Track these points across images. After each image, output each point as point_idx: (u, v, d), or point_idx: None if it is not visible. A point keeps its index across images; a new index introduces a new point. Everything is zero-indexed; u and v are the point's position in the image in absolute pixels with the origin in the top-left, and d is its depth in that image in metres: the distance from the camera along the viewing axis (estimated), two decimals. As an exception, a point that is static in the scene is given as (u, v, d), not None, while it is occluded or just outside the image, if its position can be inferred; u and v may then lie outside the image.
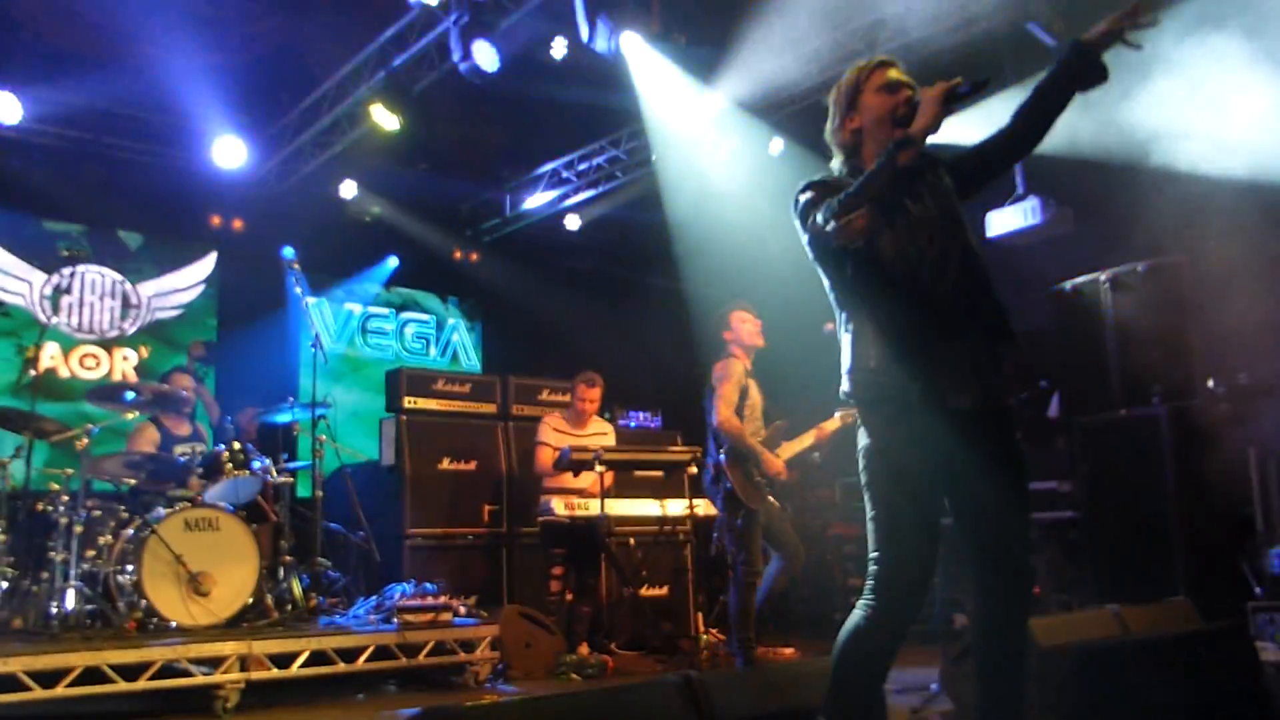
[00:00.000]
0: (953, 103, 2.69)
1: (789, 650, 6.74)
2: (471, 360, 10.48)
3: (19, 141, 7.73)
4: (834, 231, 2.70)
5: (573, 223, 10.10)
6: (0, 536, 5.66)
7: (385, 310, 10.07)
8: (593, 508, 6.35)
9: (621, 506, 6.59)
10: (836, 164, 3.03)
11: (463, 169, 9.58)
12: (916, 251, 2.82)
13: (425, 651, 5.63)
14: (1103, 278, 6.39)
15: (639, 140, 8.69)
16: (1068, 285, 6.59)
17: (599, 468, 6.29)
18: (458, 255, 10.26)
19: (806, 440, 6.05)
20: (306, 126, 8.20)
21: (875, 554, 2.77)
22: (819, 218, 2.74)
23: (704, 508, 6.52)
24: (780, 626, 8.24)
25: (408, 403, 7.46)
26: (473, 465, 7.48)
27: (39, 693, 4.60)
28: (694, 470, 6.57)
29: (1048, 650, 3.49)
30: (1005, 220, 7.19)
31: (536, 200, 9.60)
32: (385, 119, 7.55)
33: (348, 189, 9.10)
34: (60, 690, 4.65)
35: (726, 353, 6.01)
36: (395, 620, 5.70)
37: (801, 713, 2.83)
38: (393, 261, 9.90)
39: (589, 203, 9.52)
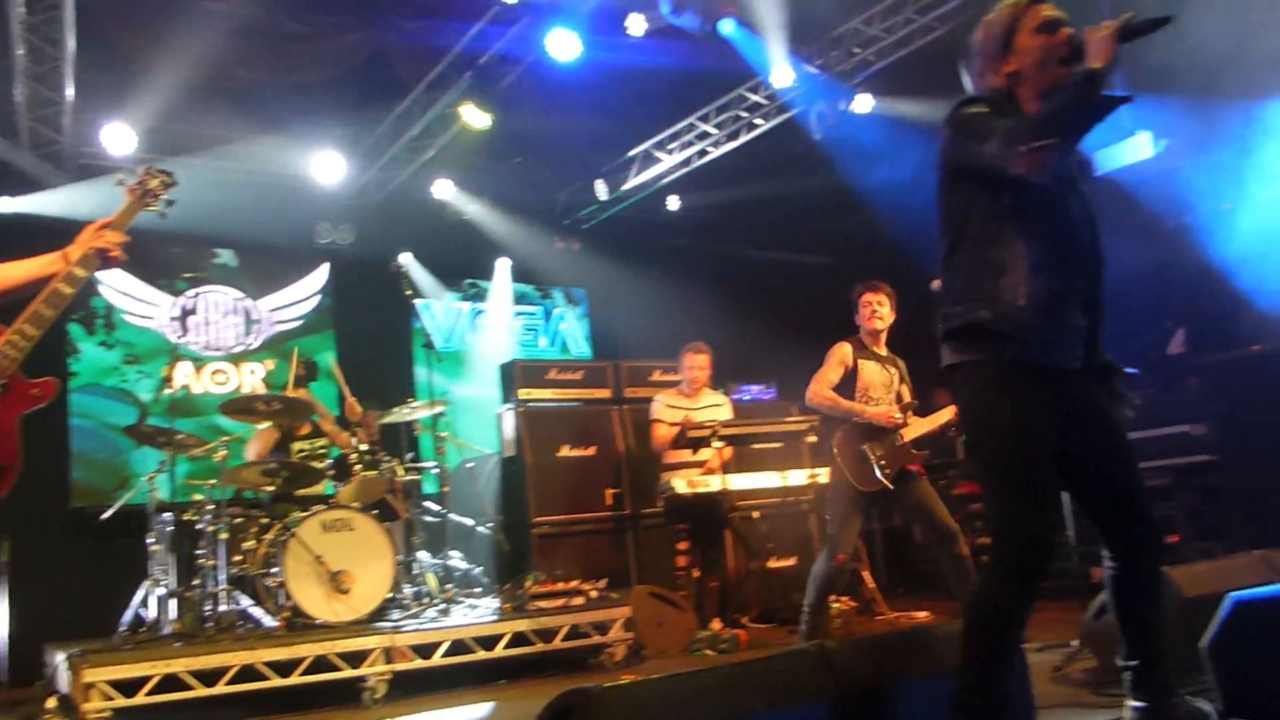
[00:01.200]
0: (1128, 39, 2.54)
1: (923, 614, 6.66)
2: (581, 348, 10.59)
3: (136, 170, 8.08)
4: (1016, 157, 2.58)
5: (671, 202, 10.11)
6: (154, 547, 5.98)
7: (493, 306, 10.22)
8: (714, 483, 6.37)
9: (743, 480, 6.58)
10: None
11: (556, 159, 9.65)
12: (1062, 203, 2.75)
13: (560, 636, 5.75)
14: (1225, 206, 6.13)
15: (730, 112, 8.65)
16: (1187, 218, 6.35)
17: (717, 443, 6.30)
18: (560, 245, 10.35)
19: (941, 417, 5.58)
20: (400, 134, 8.37)
21: (999, 510, 2.72)
22: (995, 141, 2.63)
23: (825, 475, 6.47)
24: (912, 589, 8.15)
25: (523, 394, 7.58)
26: (592, 450, 7.57)
27: (201, 690, 4.86)
28: (813, 439, 6.52)
29: (1193, 599, 3.37)
30: (1118, 156, 6.96)
31: (632, 182, 9.61)
32: (476, 118, 7.67)
33: (445, 190, 9.27)
34: (220, 688, 4.91)
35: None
36: (529, 607, 5.82)
37: (939, 677, 2.79)
38: (501, 260, 10.04)
39: (686, 180, 9.50)
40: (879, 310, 5.66)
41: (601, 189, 9.60)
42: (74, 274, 3.15)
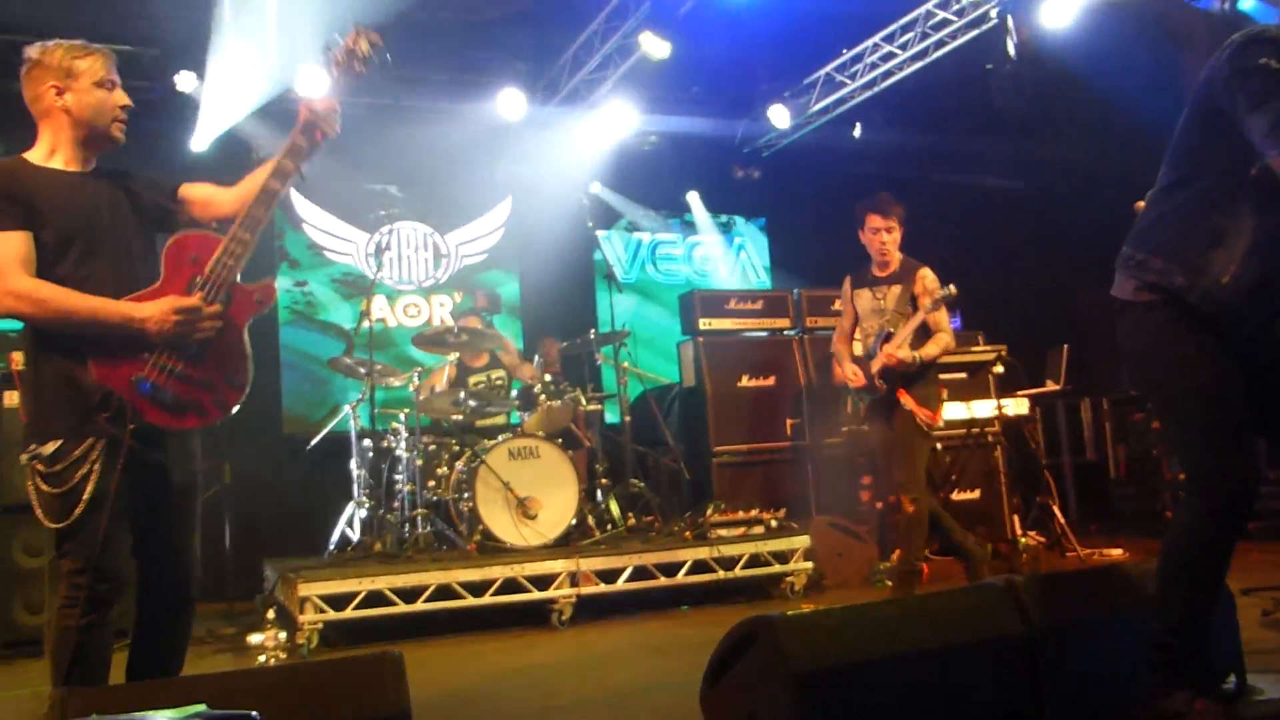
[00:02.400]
0: None
1: (1116, 551, 6.40)
2: (761, 277, 10.51)
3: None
4: (1276, 153, 2.35)
5: (853, 128, 9.82)
6: (357, 472, 6.34)
7: (673, 236, 10.25)
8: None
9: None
10: None
11: (735, 86, 9.51)
12: None
13: (740, 564, 5.80)
14: None
15: (915, 30, 8.30)
16: None
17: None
18: (739, 174, 10.25)
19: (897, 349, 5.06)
20: (580, 66, 8.42)
21: (1191, 445, 2.58)
22: (1267, 120, 2.36)
23: (1013, 407, 6.27)
24: (1106, 526, 7.84)
25: (703, 324, 7.60)
26: (771, 380, 7.54)
27: (402, 607, 5.15)
28: (999, 370, 6.31)
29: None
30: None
31: (814, 108, 9.39)
32: (655, 46, 7.63)
33: (623, 121, 9.29)
34: (419, 605, 5.19)
35: None
36: (709, 535, 5.90)
37: (1132, 617, 2.68)
38: (684, 190, 10.04)
39: (869, 104, 9.20)
40: (886, 239, 5.24)
41: (781, 115, 9.41)
42: (282, 166, 2.98)
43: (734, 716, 2.56)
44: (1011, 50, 7.66)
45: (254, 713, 1.81)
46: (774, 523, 6.11)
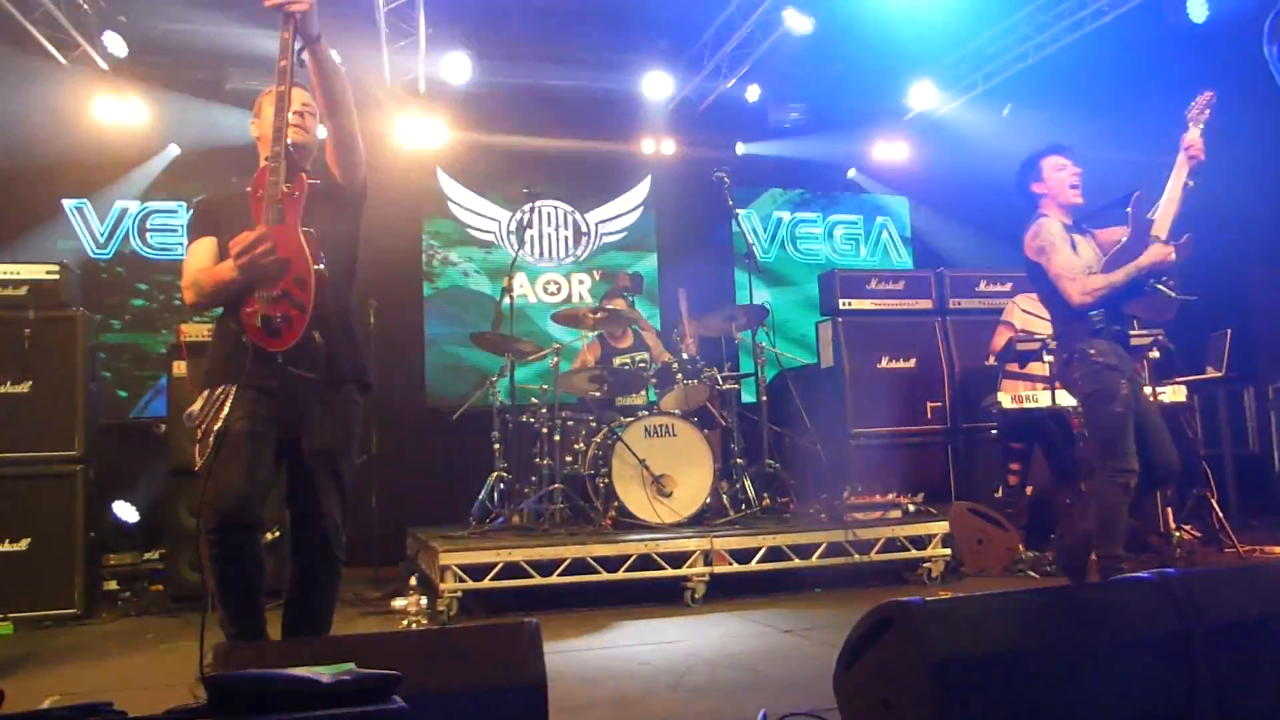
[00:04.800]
0: None
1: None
2: (902, 257, 10.29)
3: (474, 95, 8.63)
4: None
5: (1003, 104, 9.50)
6: (497, 445, 6.49)
7: (812, 215, 10.12)
8: (1043, 399, 6.06)
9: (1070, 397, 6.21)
10: None
11: (878, 62, 9.29)
12: None
13: (876, 549, 5.72)
14: None
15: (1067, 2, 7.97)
16: None
17: (1048, 357, 5.97)
18: (883, 152, 10.02)
19: None
20: (722, 42, 8.37)
21: None
22: None
23: (1169, 395, 5.99)
24: (1269, 522, 7.44)
25: (842, 304, 7.50)
26: (912, 362, 7.40)
27: (538, 579, 5.26)
28: (1154, 355, 6.02)
29: None
30: None
31: (959, 84, 9.11)
32: (798, 22, 7.53)
33: (765, 98, 9.21)
34: (554, 578, 5.28)
35: (1036, 212, 4.60)
36: (845, 518, 5.83)
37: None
38: (834, 171, 9.91)
39: (1017, 79, 8.88)
40: (1076, 178, 4.52)
41: (928, 91, 9.17)
42: (281, 68, 2.99)
43: (868, 702, 2.53)
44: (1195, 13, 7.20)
45: (398, 673, 1.87)
46: (911, 507, 6.01)
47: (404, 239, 8.65)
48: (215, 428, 2.95)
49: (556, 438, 6.25)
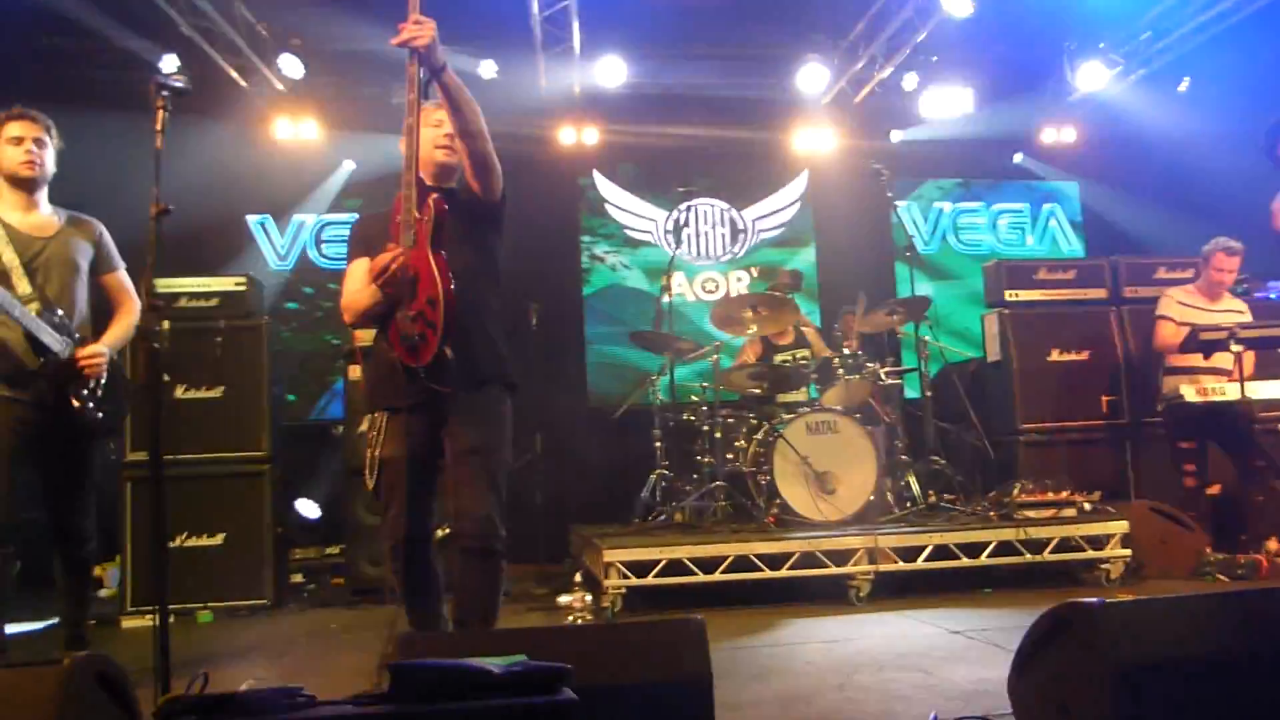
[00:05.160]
0: None
1: None
2: (1072, 245, 9.88)
3: (628, 96, 8.71)
4: None
5: (1178, 81, 9.00)
6: (658, 443, 6.55)
7: (975, 204, 9.83)
8: (1230, 391, 5.73)
9: (1267, 389, 5.84)
10: None
11: (1041, 42, 8.94)
12: None
13: (1049, 548, 5.52)
14: None
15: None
16: None
17: (1235, 347, 5.65)
18: (1047, 135, 9.64)
19: None
20: (878, 31, 8.22)
21: None
22: None
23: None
24: None
25: (1009, 295, 7.25)
26: (1085, 355, 7.10)
27: (700, 576, 5.28)
28: None
29: None
30: None
31: (1131, 61, 8.68)
32: (958, 5, 7.33)
33: (921, 85, 8.99)
34: (717, 575, 5.30)
35: None
36: (1016, 516, 5.64)
37: None
38: (999, 158, 9.61)
39: (1192, 54, 8.39)
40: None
41: (1096, 71, 8.77)
42: (410, 102, 3.15)
43: (1044, 707, 2.45)
44: None
45: (568, 666, 1.93)
46: (1087, 505, 5.76)
47: (562, 241, 8.83)
48: (378, 454, 3.26)
49: (717, 435, 6.26)
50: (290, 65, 7.98)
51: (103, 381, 3.98)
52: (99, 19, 7.09)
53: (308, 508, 6.83)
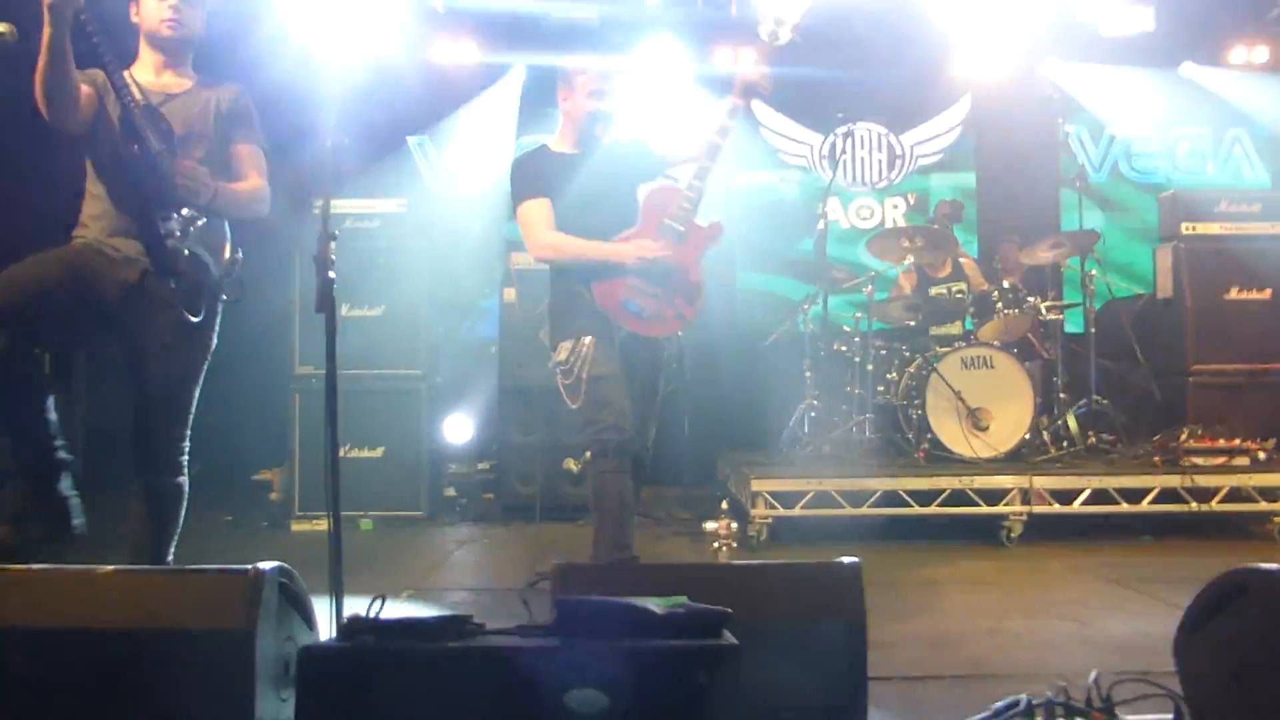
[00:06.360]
0: None
1: None
2: (1258, 175, 9.23)
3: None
4: None
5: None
6: (808, 373, 6.49)
7: (1149, 131, 9.24)
8: None
9: None
10: None
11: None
12: None
13: (1218, 498, 5.28)
14: None
15: None
16: None
17: None
18: (1236, 55, 8.93)
19: None
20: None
21: None
22: None
23: None
24: None
25: (1185, 229, 6.84)
26: (1267, 294, 6.66)
27: (848, 510, 5.26)
28: None
29: None
30: None
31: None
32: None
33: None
34: (865, 510, 5.27)
35: None
36: (1182, 463, 5.41)
37: None
38: (1184, 66, 8.90)
39: None
40: None
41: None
42: (725, 125, 3.80)
43: (1214, 672, 2.35)
44: None
45: (728, 609, 1.94)
46: (1262, 454, 5.48)
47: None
48: (589, 373, 3.59)
49: (869, 367, 6.17)
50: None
51: (197, 222, 3.18)
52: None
53: (458, 429, 7.02)
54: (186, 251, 3.13)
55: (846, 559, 2.45)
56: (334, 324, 2.61)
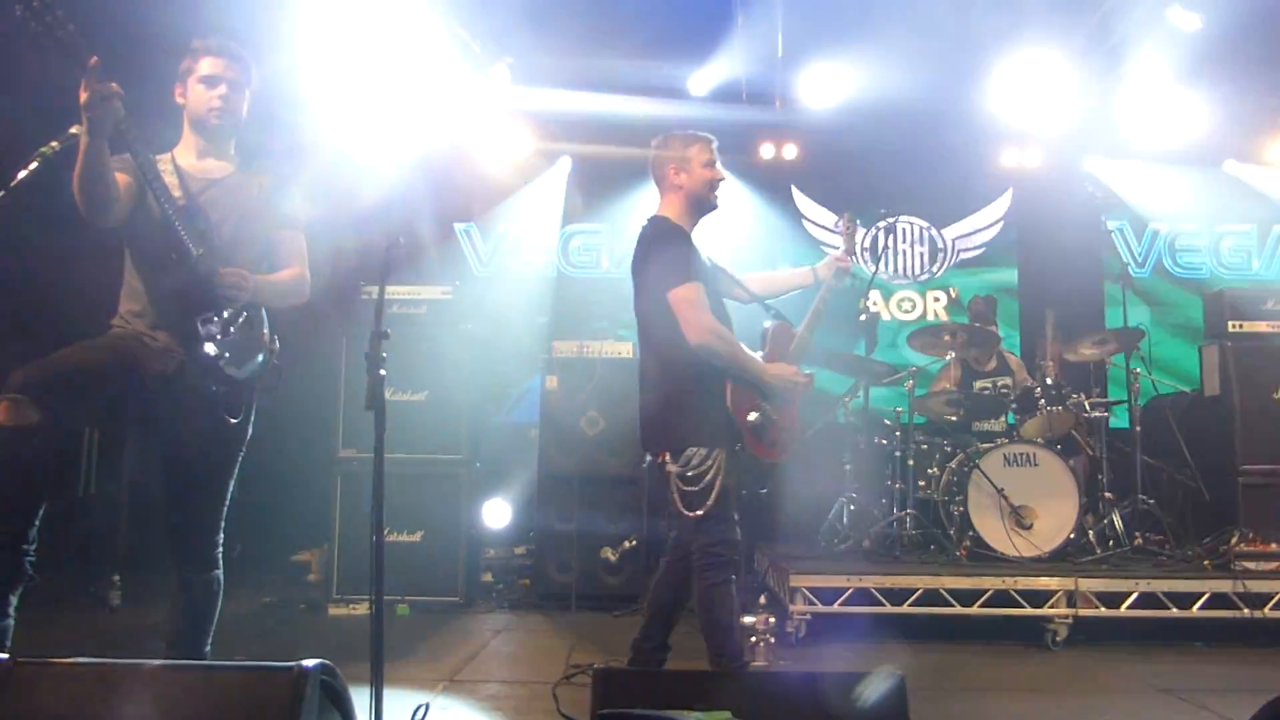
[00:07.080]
0: None
1: None
2: (1306, 271, 9.15)
3: (828, 111, 8.56)
4: None
5: None
6: (847, 467, 6.45)
7: (1193, 227, 9.22)
8: None
9: None
10: None
11: (1270, 56, 8.27)
12: None
13: (1271, 604, 5.15)
14: None
15: None
16: None
17: None
18: (1275, 151, 8.92)
19: None
20: (1096, 45, 7.84)
21: None
22: None
23: None
24: None
25: (1232, 326, 6.76)
26: (1317, 395, 6.56)
27: (888, 608, 5.18)
28: None
29: None
30: None
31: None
32: (1184, 19, 6.92)
33: (1141, 100, 8.49)
34: (905, 608, 5.19)
35: None
36: (1233, 567, 5.30)
37: None
38: (1231, 165, 8.91)
39: None
40: None
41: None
42: (825, 297, 4.24)
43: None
44: None
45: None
46: (1321, 560, 5.35)
47: (753, 255, 8.78)
48: (720, 481, 3.58)
49: (910, 461, 6.12)
50: (500, 75, 8.21)
51: (239, 320, 3.23)
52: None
53: (497, 514, 7.03)
54: (226, 354, 3.14)
55: (890, 672, 2.41)
56: (383, 422, 2.65)
